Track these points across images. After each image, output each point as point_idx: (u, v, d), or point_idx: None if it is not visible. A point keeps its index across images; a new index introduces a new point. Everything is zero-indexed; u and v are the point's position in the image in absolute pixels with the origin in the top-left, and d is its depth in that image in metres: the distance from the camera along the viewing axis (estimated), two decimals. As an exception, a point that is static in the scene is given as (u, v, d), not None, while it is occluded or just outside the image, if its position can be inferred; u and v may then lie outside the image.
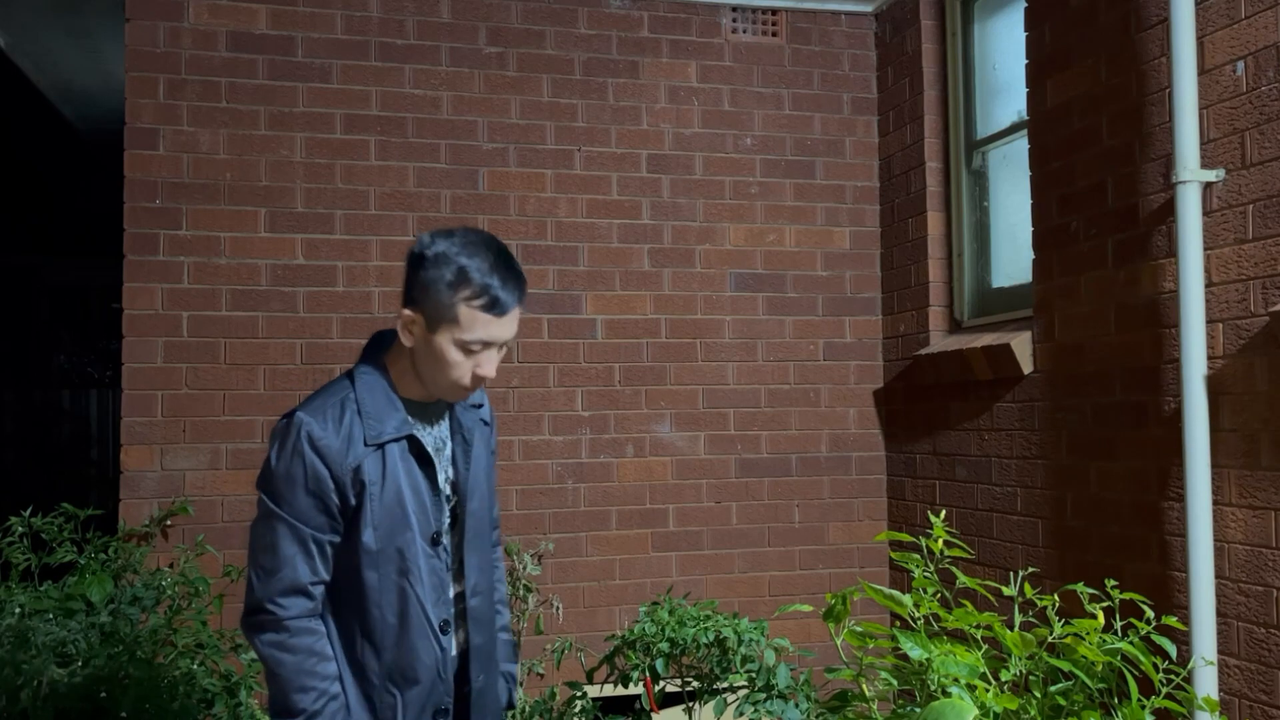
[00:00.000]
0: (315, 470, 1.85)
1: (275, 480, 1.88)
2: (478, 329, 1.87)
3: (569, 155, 4.29)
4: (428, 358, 1.90)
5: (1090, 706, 1.89)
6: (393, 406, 1.93)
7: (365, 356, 2.00)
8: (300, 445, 1.86)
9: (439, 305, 1.86)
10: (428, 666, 1.92)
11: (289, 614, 1.86)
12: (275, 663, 1.86)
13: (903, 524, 4.40)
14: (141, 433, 3.85)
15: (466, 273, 1.85)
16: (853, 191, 4.60)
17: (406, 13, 4.15)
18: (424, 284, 1.87)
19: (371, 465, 1.88)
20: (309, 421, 1.87)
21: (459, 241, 1.88)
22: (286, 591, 1.86)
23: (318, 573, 1.88)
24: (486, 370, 1.91)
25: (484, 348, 1.90)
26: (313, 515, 1.86)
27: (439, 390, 1.95)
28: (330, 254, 4.04)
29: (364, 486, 1.87)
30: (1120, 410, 3.19)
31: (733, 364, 4.42)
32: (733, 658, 3.55)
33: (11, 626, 3.15)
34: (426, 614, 1.91)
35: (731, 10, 4.50)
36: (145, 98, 3.91)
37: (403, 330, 1.91)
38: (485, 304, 1.86)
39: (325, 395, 1.93)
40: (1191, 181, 2.85)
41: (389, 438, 1.90)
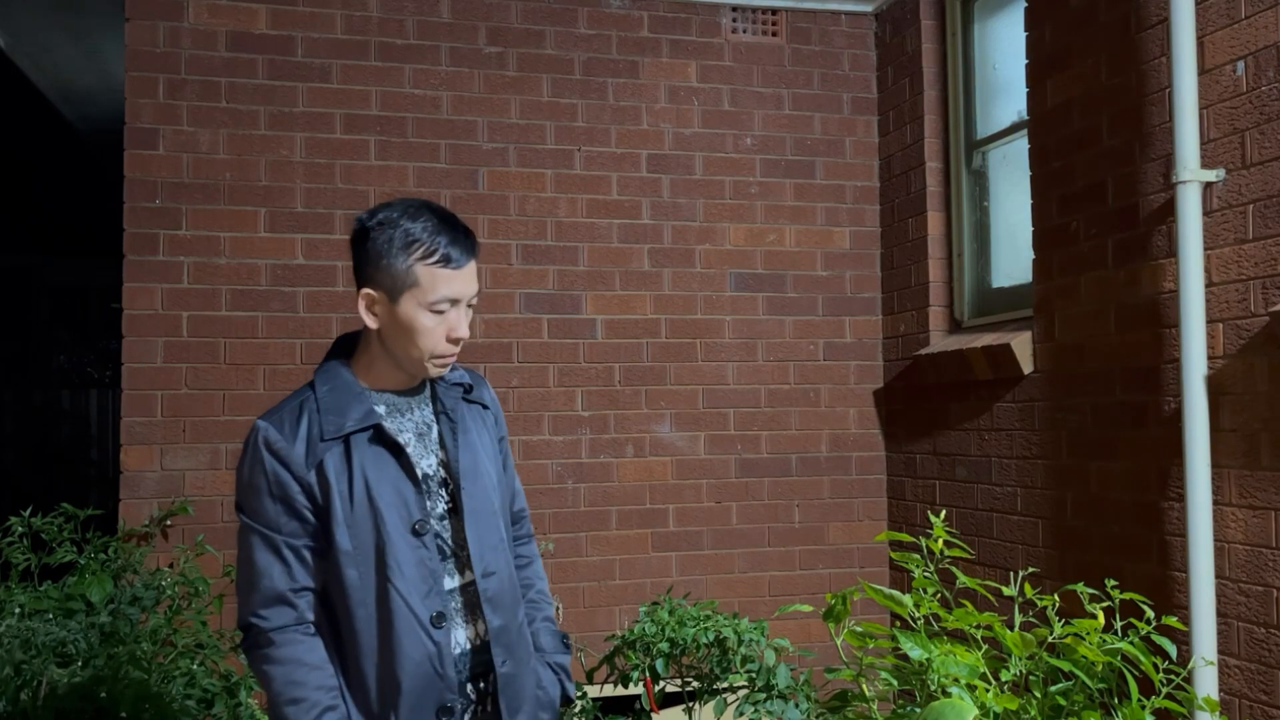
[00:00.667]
0: (276, 475, 1.82)
1: (242, 491, 1.87)
2: (440, 287, 1.85)
3: (569, 155, 4.29)
4: (398, 333, 1.86)
5: (1090, 706, 1.89)
6: (355, 399, 1.88)
7: (327, 358, 1.97)
8: (259, 452, 1.84)
9: (395, 273, 1.83)
10: (416, 663, 1.84)
11: (272, 625, 1.83)
12: (265, 677, 1.83)
13: (903, 524, 4.40)
14: (141, 433, 3.85)
15: (414, 233, 1.84)
16: (853, 191, 4.60)
17: (406, 13, 4.15)
18: (375, 255, 1.84)
19: (334, 462, 1.84)
20: (265, 427, 1.85)
21: (398, 208, 1.87)
22: (267, 602, 1.83)
23: (297, 579, 1.84)
24: (460, 330, 1.89)
25: (451, 305, 1.87)
26: (283, 521, 1.83)
27: (417, 366, 1.91)
28: (330, 254, 4.04)
29: (330, 485, 1.83)
30: (1120, 410, 3.19)
31: (733, 364, 4.42)
32: (733, 658, 3.55)
33: (11, 626, 3.14)
34: (412, 608, 1.84)
35: (731, 10, 4.50)
36: (145, 98, 3.91)
37: (366, 313, 1.87)
38: (441, 259, 1.84)
39: (286, 401, 1.91)
40: (1192, 181, 2.85)
41: (350, 429, 1.85)
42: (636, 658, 3.51)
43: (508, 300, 4.19)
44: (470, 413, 2.03)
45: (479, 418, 2.05)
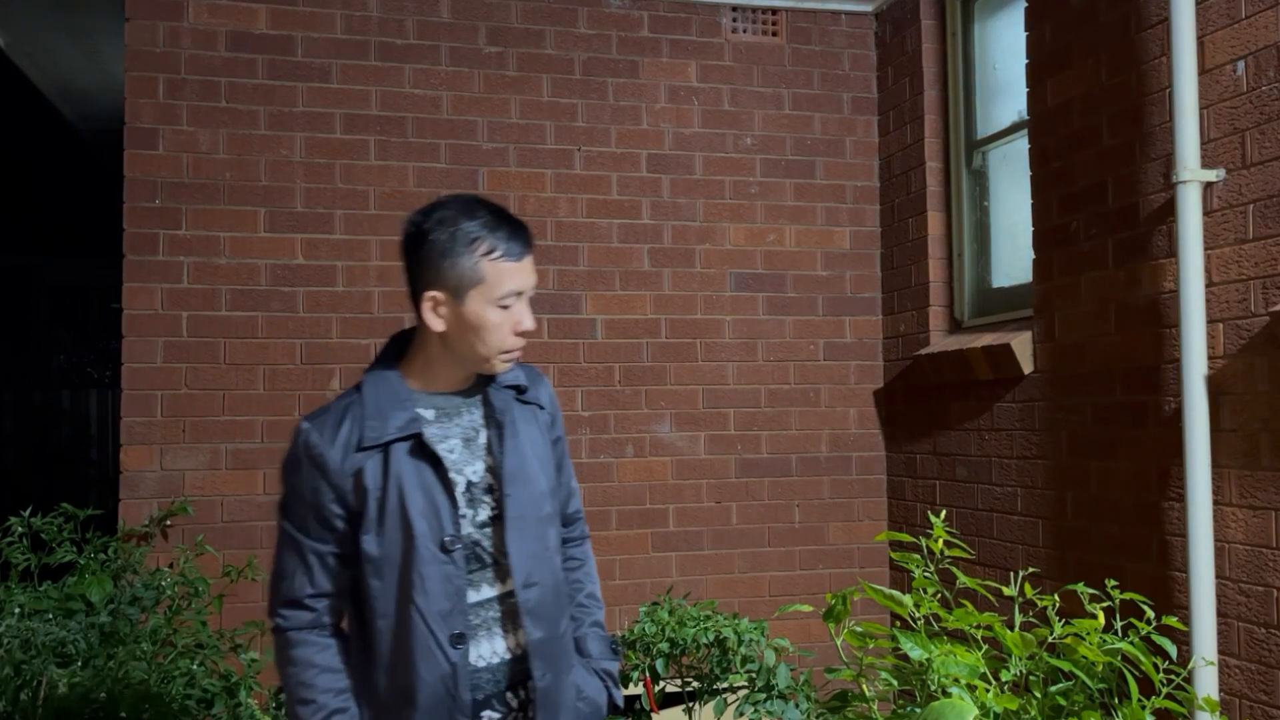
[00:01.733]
0: (312, 480, 1.82)
1: (282, 490, 1.89)
2: (505, 281, 1.82)
3: (569, 155, 4.29)
4: (466, 331, 1.83)
5: (1090, 707, 1.89)
6: (400, 405, 1.85)
7: (378, 360, 1.94)
8: (298, 454, 1.84)
9: (461, 271, 1.80)
10: (429, 684, 1.81)
11: (289, 625, 1.85)
12: (281, 675, 1.86)
13: (903, 524, 4.40)
14: (141, 433, 3.85)
15: (474, 230, 1.82)
16: (853, 191, 4.60)
17: (406, 12, 4.15)
18: (438, 256, 1.81)
19: (373, 469, 1.82)
20: (308, 429, 1.84)
21: (453, 207, 1.85)
22: (286, 603, 1.85)
23: (317, 585, 1.84)
24: (527, 322, 1.86)
25: (516, 298, 1.86)
26: (311, 526, 1.84)
27: (485, 364, 1.88)
28: (330, 254, 4.04)
29: (366, 492, 1.82)
30: (1120, 410, 3.19)
31: (733, 364, 4.42)
32: (733, 658, 3.55)
33: (11, 626, 3.15)
34: (430, 627, 1.80)
35: (731, 10, 4.50)
36: (145, 98, 3.91)
37: (430, 315, 1.83)
38: (505, 253, 1.82)
39: (333, 403, 1.90)
40: (1192, 181, 2.85)
41: (391, 437, 1.83)
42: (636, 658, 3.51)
43: (508, 300, 4.19)
44: (523, 414, 1.98)
45: (532, 419, 1.99)
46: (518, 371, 2.00)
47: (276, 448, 3.94)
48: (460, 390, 1.94)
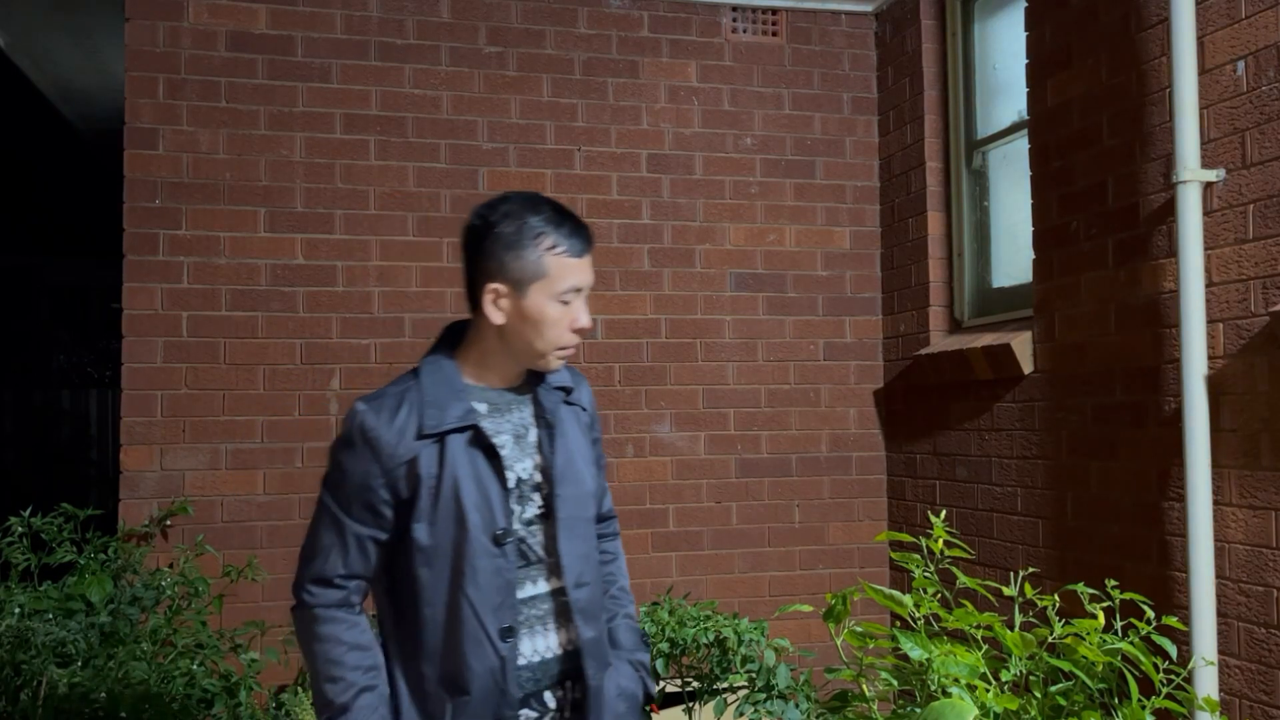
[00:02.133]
0: (365, 462, 1.82)
1: (330, 468, 1.87)
2: (568, 276, 1.85)
3: (569, 155, 4.29)
4: (525, 325, 1.85)
5: (1090, 707, 1.89)
6: (457, 397, 1.85)
7: (434, 349, 1.95)
8: (353, 436, 1.83)
9: (526, 264, 1.82)
10: (479, 675, 1.81)
11: (318, 601, 1.83)
12: (306, 652, 1.84)
13: (903, 524, 4.40)
14: (141, 433, 3.85)
15: (539, 225, 1.84)
16: (853, 191, 4.60)
17: (406, 12, 4.15)
18: (503, 248, 1.83)
19: (429, 458, 1.82)
20: (364, 411, 1.84)
21: (517, 201, 1.87)
22: (316, 580, 1.84)
23: (351, 567, 1.83)
24: (584, 319, 1.88)
25: (576, 295, 1.87)
26: (355, 508, 1.83)
27: (541, 359, 1.89)
28: (330, 254, 4.04)
29: (419, 480, 1.81)
30: (1120, 410, 3.19)
31: (733, 364, 4.42)
32: (733, 658, 3.55)
33: (11, 626, 3.15)
34: (481, 619, 1.81)
35: (731, 10, 4.50)
36: (145, 98, 3.91)
37: (490, 307, 1.85)
38: (568, 249, 1.85)
39: (389, 387, 1.90)
40: (1192, 181, 2.85)
41: (449, 427, 1.82)
42: (636, 658, 3.50)
43: (508, 300, 4.19)
44: (569, 415, 1.99)
45: (576, 420, 2.01)
46: (563, 372, 2.02)
47: (277, 448, 3.95)
48: (512, 387, 1.95)
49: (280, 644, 3.61)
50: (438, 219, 4.14)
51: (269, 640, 3.65)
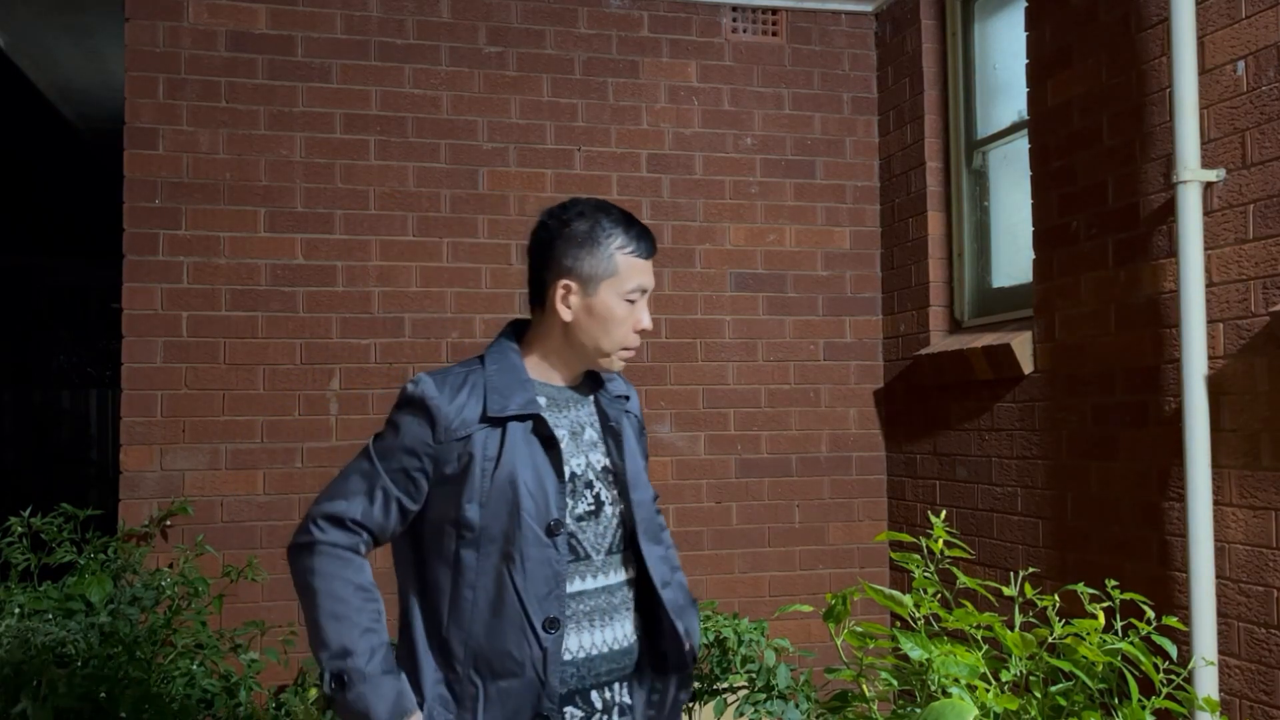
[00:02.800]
0: (418, 428, 1.83)
1: (385, 426, 1.89)
2: (635, 276, 1.91)
3: (569, 155, 4.29)
4: (593, 322, 1.90)
5: (1091, 707, 1.89)
6: (521, 386, 1.88)
7: (498, 339, 1.98)
8: (414, 398, 1.85)
9: (598, 261, 1.88)
10: (518, 663, 1.81)
11: (326, 538, 1.81)
12: (305, 590, 1.80)
13: (903, 524, 4.40)
14: (141, 433, 3.84)
15: (610, 226, 1.90)
16: (853, 191, 4.60)
17: (406, 12, 4.15)
18: (575, 246, 1.89)
19: (486, 439, 1.83)
20: (427, 381, 1.86)
21: (585, 204, 1.94)
22: (330, 517, 1.83)
23: (369, 519, 1.83)
24: (646, 320, 1.94)
25: (641, 295, 1.93)
26: (394, 468, 1.83)
27: (605, 358, 1.93)
28: (330, 254, 4.04)
29: (471, 459, 1.82)
30: (1121, 410, 3.19)
31: (733, 364, 4.42)
32: (733, 658, 3.55)
33: (11, 626, 3.14)
34: (524, 606, 1.81)
35: (731, 10, 4.50)
36: (145, 98, 3.91)
37: (560, 304, 1.89)
38: (637, 250, 1.91)
39: (455, 366, 1.94)
40: (1192, 181, 2.85)
41: (512, 413, 1.85)
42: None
43: (508, 300, 4.19)
44: (629, 424, 2.04)
45: (632, 428, 2.05)
46: (619, 381, 2.08)
47: (277, 448, 3.95)
48: (571, 386, 1.99)
49: (280, 644, 3.61)
50: (438, 219, 4.14)
51: (269, 640, 3.65)
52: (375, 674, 1.75)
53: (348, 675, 1.74)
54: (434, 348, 4.10)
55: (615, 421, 1.99)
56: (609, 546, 1.94)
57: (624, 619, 1.94)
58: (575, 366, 1.97)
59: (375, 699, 1.74)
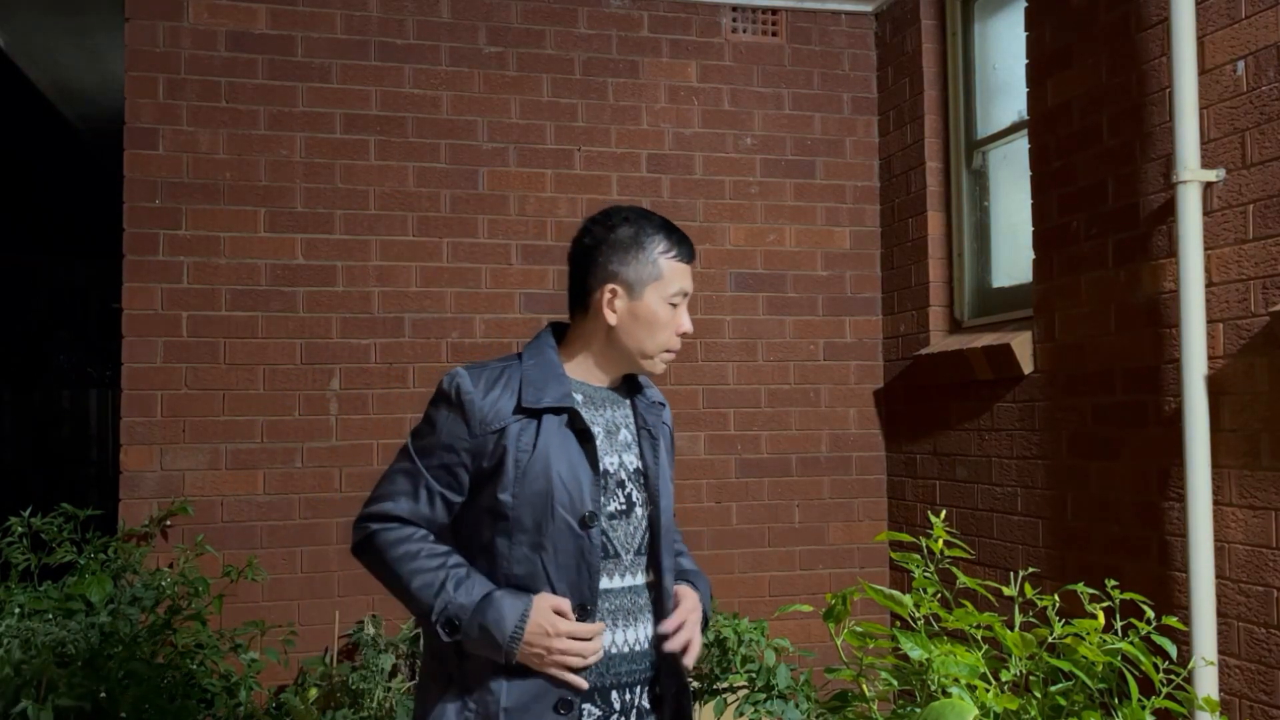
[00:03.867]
0: (454, 422, 1.87)
1: (422, 422, 1.93)
2: (677, 279, 1.95)
3: (569, 155, 4.29)
4: (637, 325, 1.94)
5: (1090, 707, 1.89)
6: (557, 380, 1.92)
7: (534, 340, 2.01)
8: (448, 393, 1.89)
9: (643, 265, 1.93)
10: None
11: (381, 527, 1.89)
12: (384, 573, 1.87)
13: (903, 524, 4.40)
14: (141, 433, 3.85)
15: (654, 231, 1.95)
16: (853, 191, 4.60)
17: (406, 12, 4.15)
18: (623, 250, 1.93)
19: (520, 431, 1.86)
20: (463, 375, 1.90)
21: (629, 212, 1.99)
22: (379, 516, 1.89)
23: (417, 513, 1.88)
24: (687, 323, 1.98)
25: (683, 299, 1.97)
26: (434, 465, 1.88)
27: (647, 361, 1.97)
28: (330, 254, 4.04)
29: (506, 452, 1.85)
30: (1120, 410, 3.19)
31: (733, 364, 4.42)
32: (733, 658, 3.55)
33: (11, 626, 3.15)
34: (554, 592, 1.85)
35: (731, 10, 4.50)
36: (145, 98, 3.91)
37: (606, 308, 1.93)
38: (679, 254, 1.96)
39: (490, 361, 1.97)
40: (1192, 181, 2.85)
41: (547, 405, 1.88)
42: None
43: (508, 300, 4.19)
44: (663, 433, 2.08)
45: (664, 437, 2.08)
46: (656, 389, 2.12)
47: (277, 448, 3.95)
48: (611, 388, 2.03)
49: (280, 644, 3.61)
50: (438, 219, 4.14)
51: (269, 640, 3.65)
52: (474, 599, 1.81)
53: (455, 618, 1.80)
54: (434, 348, 4.10)
55: (651, 426, 2.02)
56: (637, 547, 1.97)
57: (646, 621, 1.96)
58: (616, 370, 2.01)
59: (492, 618, 1.79)
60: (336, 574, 3.96)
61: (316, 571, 3.94)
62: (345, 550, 4.09)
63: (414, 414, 4.05)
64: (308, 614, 3.92)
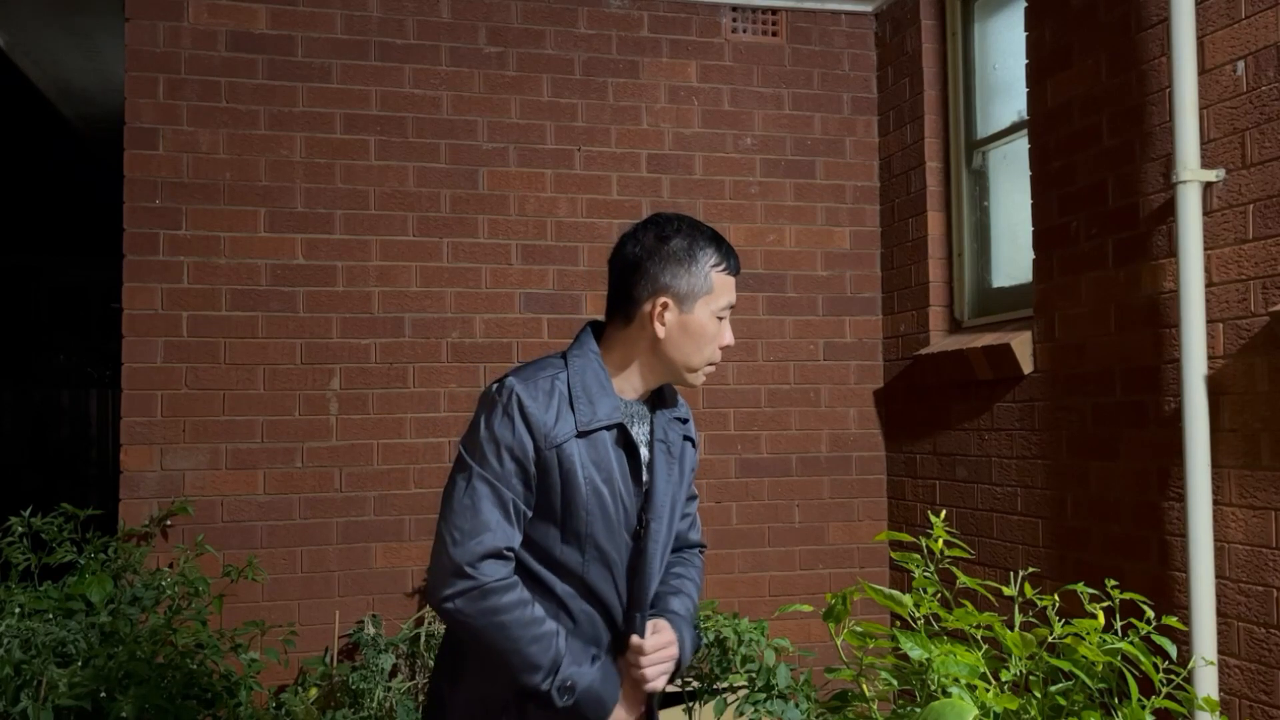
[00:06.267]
0: (521, 437, 1.82)
1: (482, 442, 1.84)
2: (726, 293, 1.94)
3: (569, 155, 4.29)
4: (685, 339, 1.91)
5: (1090, 706, 1.89)
6: (605, 392, 1.90)
7: (578, 343, 1.97)
8: (511, 409, 1.83)
9: (695, 278, 1.90)
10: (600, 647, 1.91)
11: (494, 576, 1.79)
12: (494, 629, 1.79)
13: (903, 524, 4.40)
14: (141, 433, 3.85)
15: (706, 243, 1.93)
16: (853, 191, 4.60)
17: (406, 12, 4.15)
18: (675, 263, 1.90)
19: (579, 447, 1.85)
20: (520, 389, 1.85)
21: (682, 222, 1.96)
22: (487, 556, 1.79)
23: (513, 540, 1.83)
24: (729, 337, 1.97)
25: (727, 313, 1.96)
26: (514, 482, 1.83)
27: (691, 374, 1.95)
28: (330, 254, 4.04)
29: (567, 465, 1.84)
30: (1120, 410, 3.19)
31: (733, 364, 4.42)
32: (733, 658, 3.55)
33: (11, 626, 3.14)
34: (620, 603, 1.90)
35: (731, 10, 4.50)
36: (145, 98, 3.91)
37: (656, 321, 1.90)
38: (728, 267, 1.94)
39: (537, 369, 1.91)
40: (1192, 181, 2.85)
41: (601, 424, 1.87)
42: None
43: (508, 300, 4.19)
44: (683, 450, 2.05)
45: (685, 454, 2.06)
46: (683, 406, 2.09)
47: (277, 448, 3.95)
48: (641, 401, 2.01)
49: (280, 644, 3.61)
50: (438, 219, 4.14)
51: (269, 640, 3.65)
52: (588, 671, 1.85)
53: (569, 682, 1.83)
54: (434, 348, 4.10)
55: (672, 445, 2.01)
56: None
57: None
58: (654, 381, 1.98)
59: (601, 688, 1.85)
60: (336, 574, 3.96)
61: (316, 571, 3.95)
62: (345, 550, 4.11)
63: (414, 414, 4.06)
64: (308, 614, 3.92)
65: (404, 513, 4.03)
